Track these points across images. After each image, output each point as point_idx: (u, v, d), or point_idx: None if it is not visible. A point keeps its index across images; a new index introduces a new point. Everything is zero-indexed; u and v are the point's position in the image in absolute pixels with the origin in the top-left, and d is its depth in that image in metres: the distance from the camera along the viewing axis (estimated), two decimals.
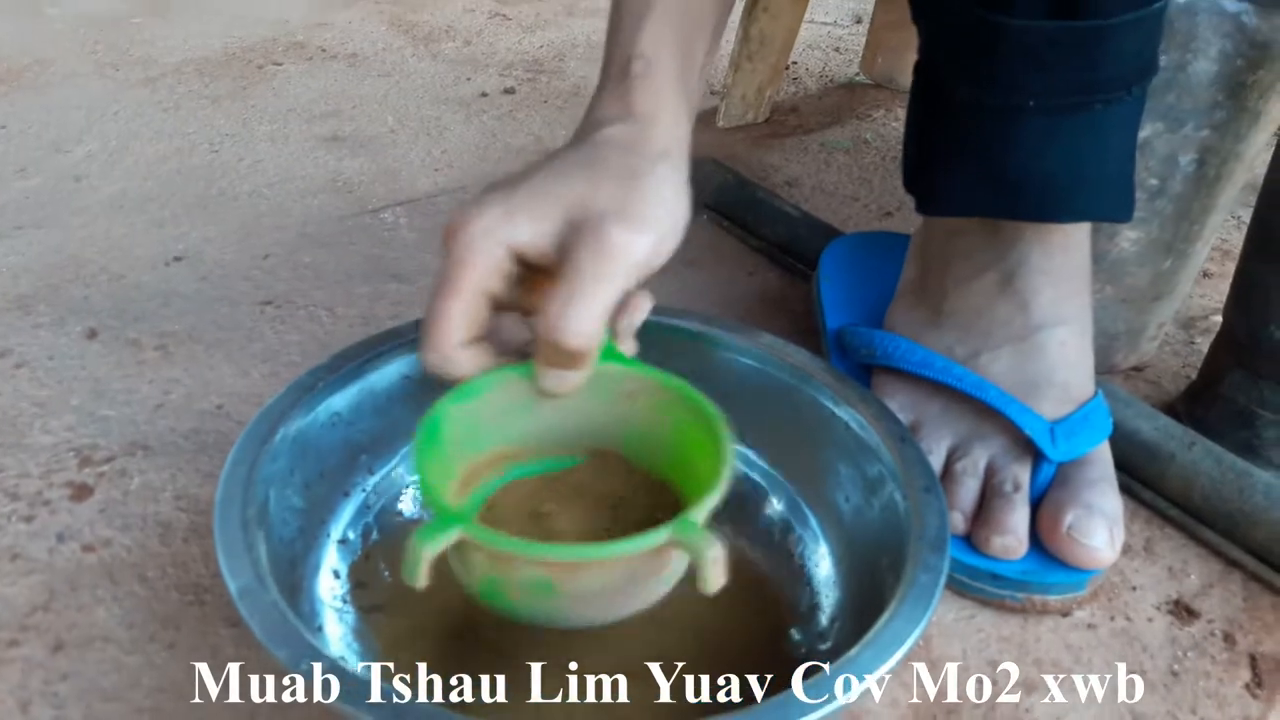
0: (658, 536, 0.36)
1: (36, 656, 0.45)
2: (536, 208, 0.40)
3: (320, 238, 0.78)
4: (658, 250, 0.40)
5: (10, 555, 0.50)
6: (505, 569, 0.37)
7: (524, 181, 0.41)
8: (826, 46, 1.20)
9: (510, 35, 1.22)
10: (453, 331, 0.40)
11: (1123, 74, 0.48)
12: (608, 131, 0.43)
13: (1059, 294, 0.54)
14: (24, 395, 0.60)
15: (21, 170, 0.86)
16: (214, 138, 0.93)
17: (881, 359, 0.57)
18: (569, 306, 0.38)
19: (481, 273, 0.39)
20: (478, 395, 0.41)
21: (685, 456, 0.43)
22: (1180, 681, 0.48)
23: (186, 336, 0.66)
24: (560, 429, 0.44)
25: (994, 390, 0.53)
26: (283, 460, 0.44)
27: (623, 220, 0.39)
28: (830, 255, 0.69)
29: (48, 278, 0.71)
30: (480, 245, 0.39)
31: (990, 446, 0.53)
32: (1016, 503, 0.50)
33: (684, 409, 0.42)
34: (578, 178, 0.40)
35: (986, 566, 0.50)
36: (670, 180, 0.41)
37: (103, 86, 1.03)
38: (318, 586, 0.45)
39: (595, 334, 0.39)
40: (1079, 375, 0.54)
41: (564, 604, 0.38)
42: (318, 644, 0.35)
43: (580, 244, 0.38)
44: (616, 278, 0.39)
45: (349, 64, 1.11)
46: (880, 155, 0.95)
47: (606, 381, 0.43)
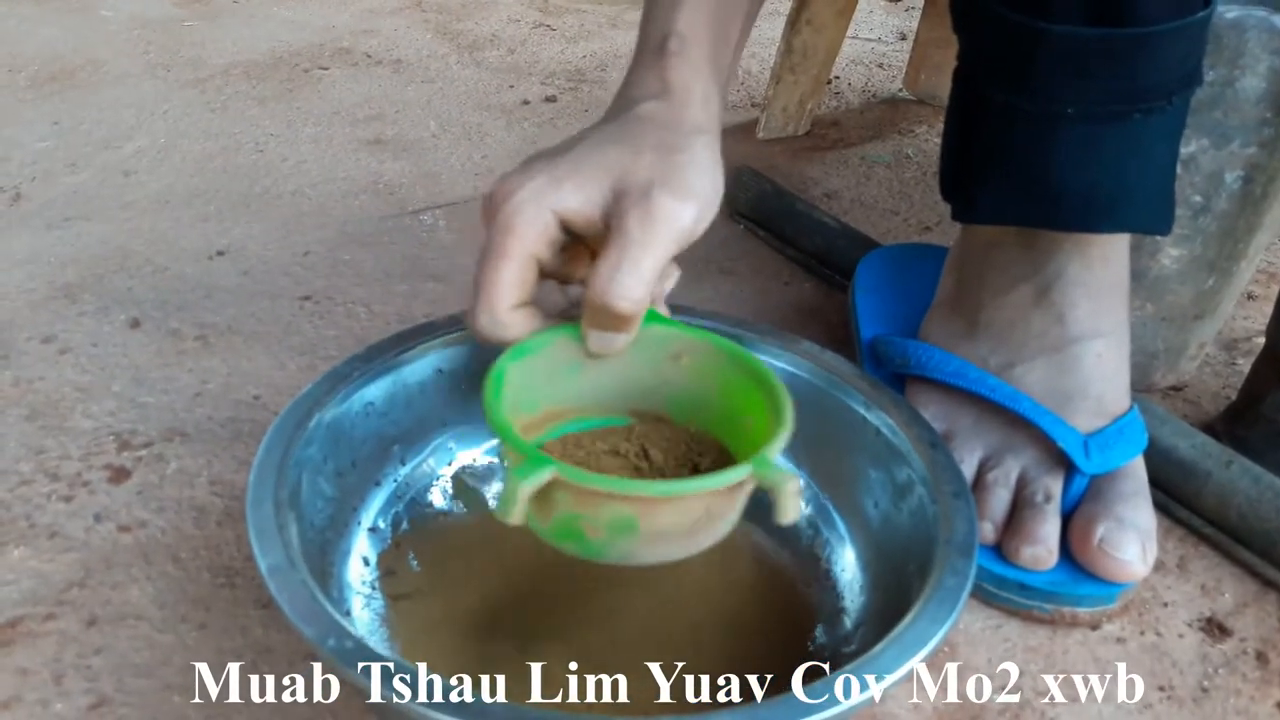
0: (741, 471, 0.37)
1: (71, 631, 0.46)
2: (582, 176, 0.40)
3: (360, 237, 0.79)
4: (700, 219, 0.41)
5: (49, 533, 0.51)
6: (591, 507, 0.37)
7: (567, 152, 0.41)
8: (870, 62, 1.20)
9: (554, 45, 1.23)
10: (505, 295, 0.40)
11: (1164, 83, 0.48)
12: (644, 107, 0.43)
13: (1096, 307, 0.53)
14: (67, 380, 0.61)
15: (72, 165, 0.88)
16: (259, 138, 0.95)
17: (915, 369, 0.57)
18: (619, 271, 0.39)
19: (532, 238, 0.40)
20: (533, 354, 0.42)
21: (733, 414, 0.43)
22: (1210, 698, 0.47)
23: (226, 328, 0.67)
24: (607, 390, 0.45)
25: (1027, 401, 0.52)
26: (316, 446, 0.45)
27: (668, 189, 0.39)
28: (866, 266, 0.69)
29: (94, 268, 0.73)
30: (529, 211, 0.40)
31: (1022, 457, 0.52)
32: (1048, 514, 0.50)
33: (731, 368, 0.43)
34: (620, 149, 0.41)
35: (1015, 576, 0.49)
36: (707, 154, 0.42)
37: (153, 86, 1.05)
38: (347, 572, 0.46)
39: (644, 298, 0.40)
40: (1114, 389, 0.53)
41: (641, 542, 0.38)
42: (345, 623, 0.35)
43: (628, 212, 0.39)
44: (664, 244, 0.39)
45: (393, 70, 1.13)
46: (921, 170, 0.95)
47: (652, 343, 0.43)
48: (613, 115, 0.44)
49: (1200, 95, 0.54)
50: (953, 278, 0.60)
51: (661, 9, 0.46)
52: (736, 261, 0.79)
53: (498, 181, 0.41)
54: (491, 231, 0.40)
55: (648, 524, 0.37)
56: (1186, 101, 0.50)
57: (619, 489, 0.37)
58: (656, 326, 0.43)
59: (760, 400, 0.42)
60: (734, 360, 0.43)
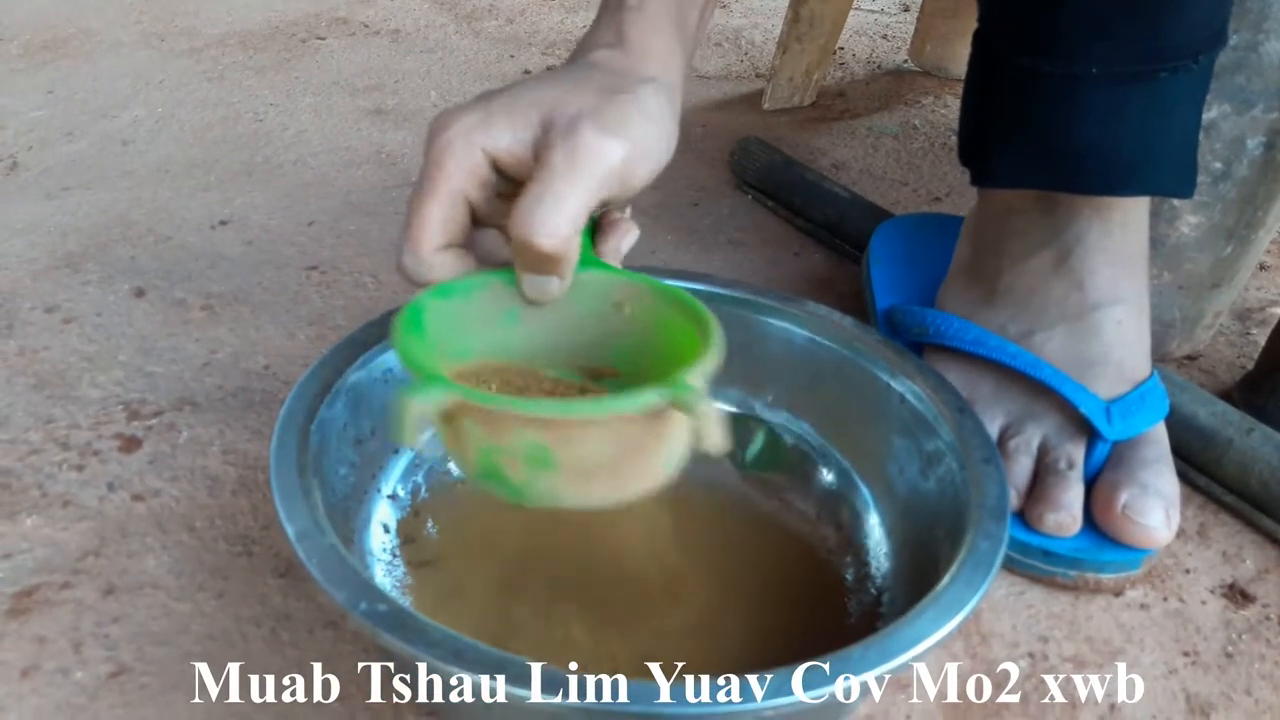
0: (651, 394, 0.34)
1: (88, 600, 0.45)
2: (513, 113, 0.39)
3: (364, 206, 0.78)
4: (631, 160, 0.38)
5: (62, 502, 0.50)
6: (501, 435, 0.35)
7: (505, 90, 0.40)
8: (874, 33, 1.19)
9: (553, 15, 1.22)
10: (430, 234, 0.39)
11: (1189, 42, 0.47)
12: (596, 55, 0.42)
13: (1117, 273, 0.53)
14: (73, 350, 0.60)
15: (69, 134, 0.86)
16: (258, 108, 0.94)
17: (934, 337, 0.56)
18: (539, 204, 0.37)
19: (459, 176, 0.38)
20: (460, 295, 0.39)
21: (681, 360, 0.39)
22: (1235, 663, 0.47)
23: (233, 298, 0.66)
24: (551, 344, 0.42)
25: (1048, 368, 0.52)
26: (338, 409, 0.44)
27: (597, 124, 0.38)
28: (880, 237, 0.68)
29: (96, 237, 0.72)
30: (457, 148, 0.38)
31: (1044, 424, 0.52)
32: (1071, 480, 0.50)
33: (674, 313, 0.40)
34: (559, 87, 0.40)
35: (1039, 543, 0.49)
36: (652, 100, 0.40)
37: (148, 56, 1.03)
38: (369, 539, 0.45)
39: (567, 236, 0.37)
40: (1135, 355, 0.53)
41: (565, 480, 0.36)
42: (376, 586, 0.35)
43: (554, 144, 0.38)
44: (588, 179, 0.37)
45: (391, 40, 1.11)
46: (929, 141, 0.94)
47: (593, 292, 0.41)
48: (565, 64, 0.43)
49: (1223, 59, 0.54)
50: (969, 245, 0.59)
51: None
52: (746, 233, 0.78)
53: (436, 116, 0.40)
54: (423, 168, 0.39)
55: (564, 454, 0.35)
56: (1212, 61, 0.49)
57: (521, 409, 0.34)
58: (594, 272, 0.41)
59: (696, 336, 0.39)
60: (673, 303, 0.40)
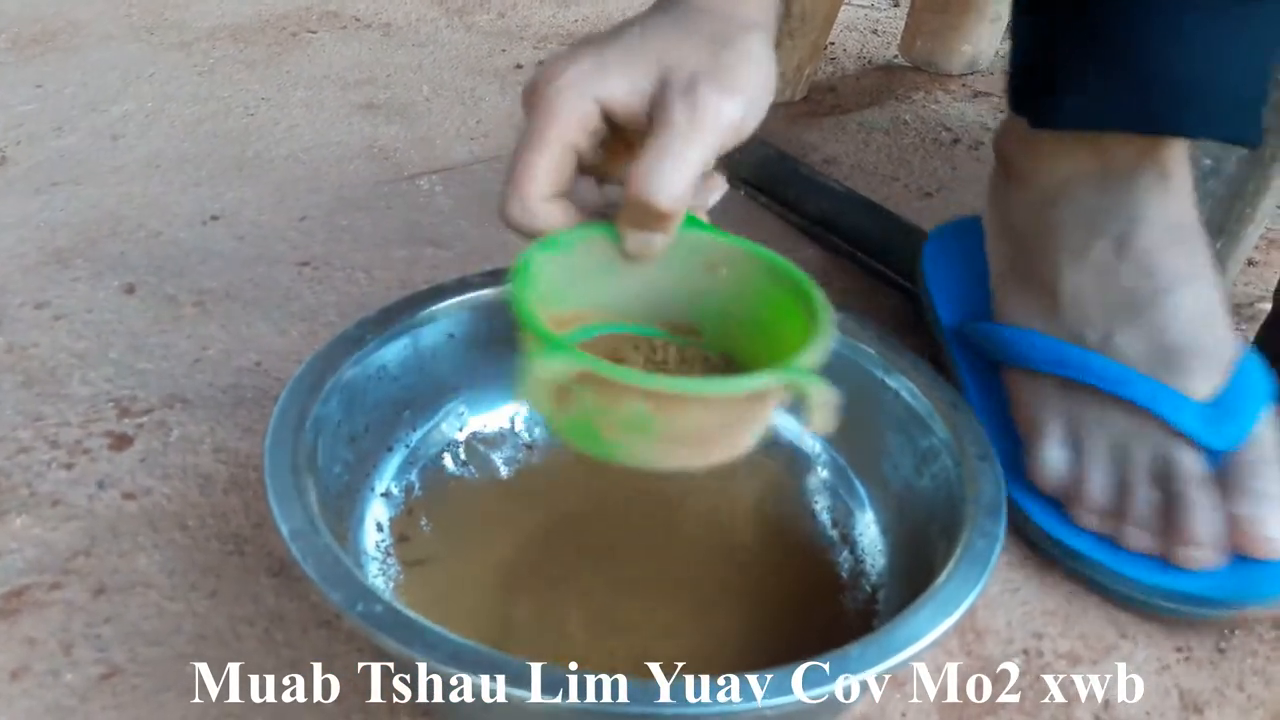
0: (767, 378, 0.35)
1: (78, 600, 0.45)
2: (630, 63, 0.39)
3: (357, 202, 0.78)
4: (749, 116, 0.39)
5: (51, 501, 0.50)
6: (611, 401, 0.35)
7: (615, 39, 0.40)
8: (864, 28, 1.19)
9: (545, 9, 1.21)
10: (539, 183, 0.39)
11: None
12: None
13: (1182, 250, 0.50)
14: (62, 346, 0.60)
15: (58, 128, 0.86)
16: (249, 102, 0.93)
17: (1016, 360, 0.53)
18: (661, 163, 0.37)
19: (573, 125, 0.38)
20: (565, 249, 0.40)
21: (770, 329, 0.41)
22: (1227, 659, 0.47)
23: (224, 294, 0.66)
24: (640, 298, 0.42)
25: (1138, 385, 0.49)
26: (332, 407, 0.44)
27: (715, 81, 0.38)
28: (930, 250, 0.65)
29: (85, 232, 0.71)
30: (571, 97, 0.38)
31: (1153, 441, 0.49)
32: (1200, 504, 0.46)
33: (769, 280, 0.41)
34: (669, 38, 0.39)
35: (1185, 588, 0.46)
36: (762, 49, 0.40)
37: (138, 49, 1.02)
38: (363, 538, 0.45)
39: (684, 194, 0.38)
40: (1219, 337, 0.50)
41: (655, 445, 0.36)
42: (372, 587, 0.34)
43: (674, 103, 0.38)
44: (710, 138, 0.38)
45: (383, 33, 1.11)
46: (919, 136, 0.94)
47: (689, 251, 0.41)
48: (663, 5, 0.42)
49: None
50: (1007, 248, 0.57)
51: None
52: (739, 228, 0.77)
53: (543, 65, 0.39)
54: (531, 117, 0.39)
55: (664, 424, 0.35)
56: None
57: (642, 383, 0.35)
58: (695, 233, 0.41)
59: (799, 314, 0.40)
60: (772, 272, 0.41)
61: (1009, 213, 0.57)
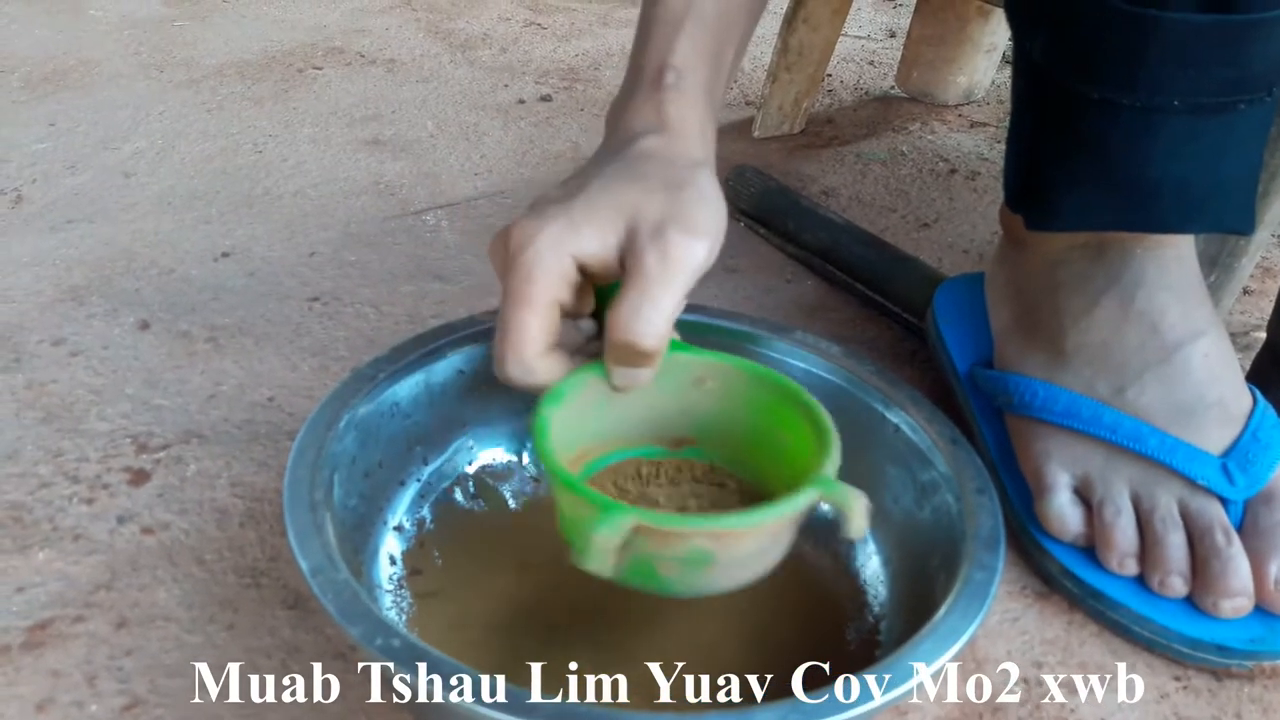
0: (810, 495, 0.39)
1: (101, 633, 0.46)
2: (597, 220, 0.41)
3: (364, 237, 0.79)
4: (712, 252, 0.42)
5: (73, 535, 0.51)
6: (666, 547, 0.38)
7: (576, 195, 0.42)
8: (861, 60, 1.21)
9: (545, 44, 1.23)
10: (533, 342, 0.41)
11: (1267, 73, 0.47)
12: (645, 142, 0.44)
13: (1185, 307, 0.52)
14: (80, 383, 0.61)
15: (71, 167, 0.87)
16: (257, 139, 0.95)
17: (1020, 408, 0.54)
18: (641, 309, 0.40)
19: (555, 284, 0.41)
20: (568, 398, 0.42)
21: (764, 432, 0.44)
22: (1225, 688, 0.48)
23: (236, 330, 0.67)
24: (635, 422, 0.45)
25: (1153, 439, 0.50)
26: (347, 444, 0.45)
27: (680, 226, 0.40)
28: (943, 295, 0.66)
29: (100, 270, 0.72)
30: (550, 259, 0.40)
31: (1173, 487, 0.50)
32: (1232, 555, 0.47)
33: (755, 386, 0.45)
34: (630, 189, 0.42)
35: (1210, 637, 0.47)
36: (710, 187, 0.43)
37: (147, 87, 1.04)
38: (377, 571, 0.46)
39: (666, 334, 0.41)
40: (1232, 387, 0.51)
41: (716, 573, 0.39)
42: (390, 621, 0.36)
43: (645, 250, 0.40)
44: (682, 281, 0.40)
45: (387, 69, 1.13)
46: (916, 168, 0.96)
47: (675, 371, 0.44)
48: (613, 150, 0.45)
49: None
50: (1012, 305, 0.58)
51: (657, 38, 0.47)
52: (739, 259, 0.80)
53: (511, 226, 0.42)
54: (512, 280, 0.41)
55: (724, 555, 0.38)
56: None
57: (704, 526, 0.38)
58: (678, 354, 0.44)
59: (792, 415, 0.43)
60: (757, 379, 0.45)
61: (1012, 276, 0.59)
